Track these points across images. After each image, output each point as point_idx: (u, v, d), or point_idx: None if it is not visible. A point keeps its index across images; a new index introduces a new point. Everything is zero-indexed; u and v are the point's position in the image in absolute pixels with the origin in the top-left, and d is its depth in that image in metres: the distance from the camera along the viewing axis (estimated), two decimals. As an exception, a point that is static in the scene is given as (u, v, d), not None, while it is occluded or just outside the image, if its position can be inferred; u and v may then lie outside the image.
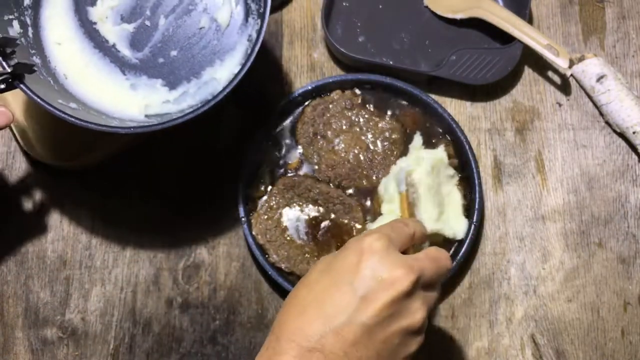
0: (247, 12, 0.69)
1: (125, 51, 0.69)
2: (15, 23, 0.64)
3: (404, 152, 0.75)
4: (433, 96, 0.77)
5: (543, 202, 0.76)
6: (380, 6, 0.81)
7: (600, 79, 0.77)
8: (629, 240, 0.75)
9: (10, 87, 0.59)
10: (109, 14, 0.69)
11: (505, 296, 0.74)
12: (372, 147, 0.76)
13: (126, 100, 0.68)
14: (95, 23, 0.69)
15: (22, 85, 0.59)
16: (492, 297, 0.74)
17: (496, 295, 0.74)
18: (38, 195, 0.77)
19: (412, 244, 0.59)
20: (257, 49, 0.62)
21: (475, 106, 0.80)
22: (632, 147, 0.77)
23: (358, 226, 0.73)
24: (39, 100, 0.59)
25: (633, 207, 0.76)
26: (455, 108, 0.79)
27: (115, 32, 0.69)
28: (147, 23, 0.69)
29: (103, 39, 0.69)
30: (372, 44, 0.80)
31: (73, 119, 0.60)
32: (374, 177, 0.75)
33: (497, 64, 0.76)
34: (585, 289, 0.74)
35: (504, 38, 0.78)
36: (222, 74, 0.68)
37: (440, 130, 0.76)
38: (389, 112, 0.77)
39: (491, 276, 0.75)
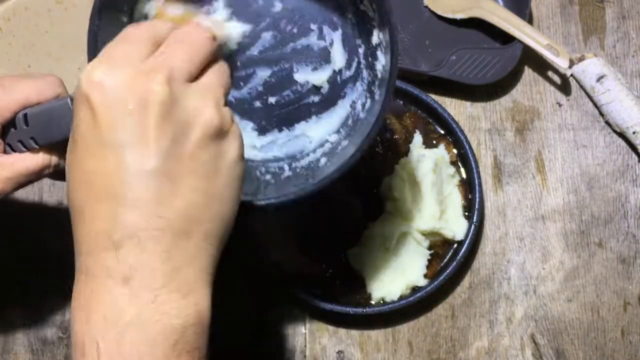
0: (357, 76, 0.63)
1: None
2: None
3: (405, 152, 0.75)
4: (433, 96, 0.77)
5: (543, 202, 0.77)
6: (380, 6, 0.81)
7: (600, 79, 0.77)
8: (629, 240, 0.75)
9: None
10: None
11: (505, 296, 0.74)
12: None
13: None
14: None
15: None
16: (492, 297, 0.74)
17: (496, 295, 0.74)
18: (38, 194, 0.77)
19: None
20: (372, 134, 0.55)
21: (475, 106, 0.80)
22: (632, 147, 0.77)
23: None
24: None
25: (633, 207, 0.76)
26: (455, 108, 0.79)
27: None
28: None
29: None
30: (372, 44, 0.80)
31: None
32: (375, 178, 0.75)
33: (497, 64, 0.76)
34: (585, 289, 0.74)
35: (504, 38, 0.78)
36: (315, 133, 0.64)
37: (441, 131, 0.76)
38: (389, 113, 0.77)
39: (491, 276, 0.75)
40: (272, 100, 0.64)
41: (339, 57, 0.63)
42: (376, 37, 0.59)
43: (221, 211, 0.43)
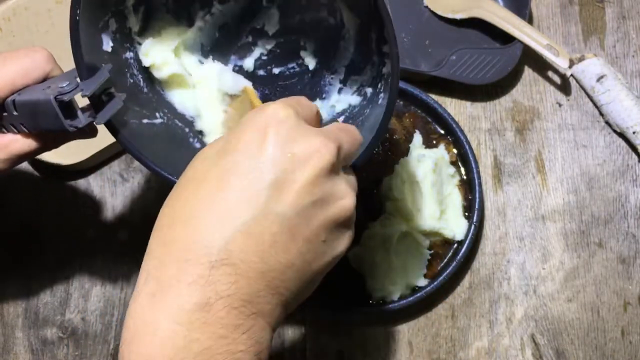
0: (368, 61, 0.61)
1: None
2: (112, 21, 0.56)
3: (405, 152, 0.75)
4: (433, 96, 0.77)
5: (543, 202, 0.77)
6: (380, 6, 0.81)
7: (600, 79, 0.77)
8: (629, 240, 0.75)
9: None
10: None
11: (505, 296, 0.74)
12: (372, 147, 0.75)
13: (213, 101, 0.62)
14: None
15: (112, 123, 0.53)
16: (492, 297, 0.74)
17: (496, 295, 0.74)
18: (38, 194, 0.77)
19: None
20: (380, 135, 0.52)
21: (475, 106, 0.80)
22: (632, 147, 0.77)
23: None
24: (133, 152, 0.54)
25: (633, 207, 0.76)
26: (455, 108, 0.79)
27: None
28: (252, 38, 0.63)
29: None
30: (372, 44, 0.80)
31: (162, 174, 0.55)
32: (375, 178, 0.75)
33: (497, 64, 0.76)
34: (585, 289, 0.74)
35: (504, 38, 0.78)
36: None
37: (441, 131, 0.76)
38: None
39: (491, 276, 0.75)
40: (276, 71, 0.64)
41: (350, 38, 0.61)
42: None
43: (306, 289, 0.44)
